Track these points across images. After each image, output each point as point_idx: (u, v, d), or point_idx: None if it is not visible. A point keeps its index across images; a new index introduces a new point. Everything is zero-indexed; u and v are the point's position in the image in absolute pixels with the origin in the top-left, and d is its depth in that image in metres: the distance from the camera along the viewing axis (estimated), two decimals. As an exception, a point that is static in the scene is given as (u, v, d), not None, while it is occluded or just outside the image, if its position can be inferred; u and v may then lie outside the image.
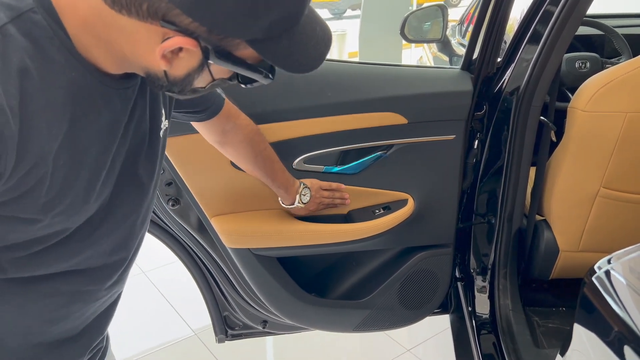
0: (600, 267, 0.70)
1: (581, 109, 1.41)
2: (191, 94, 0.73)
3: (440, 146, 1.48)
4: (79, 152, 0.69)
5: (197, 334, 2.42)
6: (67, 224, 0.75)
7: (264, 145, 1.32)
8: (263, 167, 1.32)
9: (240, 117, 1.23)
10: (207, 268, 1.63)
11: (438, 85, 1.45)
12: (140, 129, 0.81)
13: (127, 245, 0.88)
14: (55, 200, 0.69)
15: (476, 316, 1.65)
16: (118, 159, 0.78)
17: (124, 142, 0.78)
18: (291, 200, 1.41)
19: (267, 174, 1.34)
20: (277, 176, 1.36)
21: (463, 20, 3.42)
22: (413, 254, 1.63)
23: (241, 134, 1.24)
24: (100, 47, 0.66)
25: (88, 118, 0.69)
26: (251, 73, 0.69)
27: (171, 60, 0.65)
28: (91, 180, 0.73)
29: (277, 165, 1.35)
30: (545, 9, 1.39)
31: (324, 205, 1.48)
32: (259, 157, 1.30)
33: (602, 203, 1.48)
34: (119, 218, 0.83)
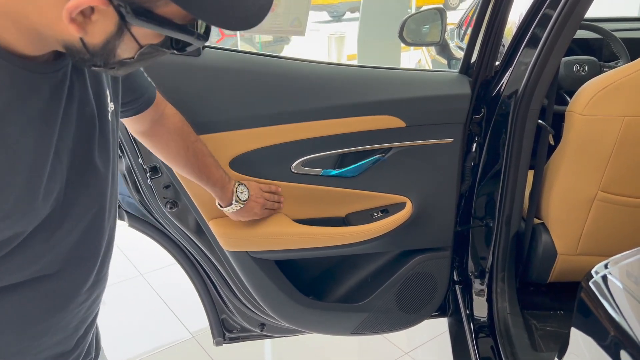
0: (598, 272, 0.70)
1: (579, 112, 1.41)
2: (120, 68, 0.66)
3: (438, 149, 1.48)
4: (11, 149, 0.63)
5: (194, 337, 2.42)
6: (17, 228, 0.69)
7: (194, 138, 1.20)
8: (195, 161, 1.21)
9: (167, 106, 1.13)
10: (205, 271, 1.63)
11: (436, 89, 1.46)
12: (85, 113, 0.74)
13: (96, 241, 0.82)
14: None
15: (474, 319, 1.65)
16: (63, 150, 0.71)
17: (67, 129, 0.71)
18: (228, 200, 1.31)
19: (199, 168, 1.22)
20: (211, 172, 1.24)
21: (462, 24, 3.43)
22: (411, 257, 1.63)
23: (170, 124, 1.13)
24: (9, 26, 0.60)
25: (13, 110, 0.62)
26: (180, 34, 0.61)
27: (83, 24, 0.58)
28: (32, 177, 0.67)
29: (210, 159, 1.24)
30: (543, 12, 1.39)
31: (268, 210, 1.40)
32: (189, 149, 1.19)
33: (600, 207, 1.48)
34: (80, 212, 0.77)
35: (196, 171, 1.23)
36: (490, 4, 1.39)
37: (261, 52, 1.46)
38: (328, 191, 1.47)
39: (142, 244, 3.03)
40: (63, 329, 0.83)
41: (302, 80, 1.38)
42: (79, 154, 0.75)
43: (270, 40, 8.02)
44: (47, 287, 0.77)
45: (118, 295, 2.76)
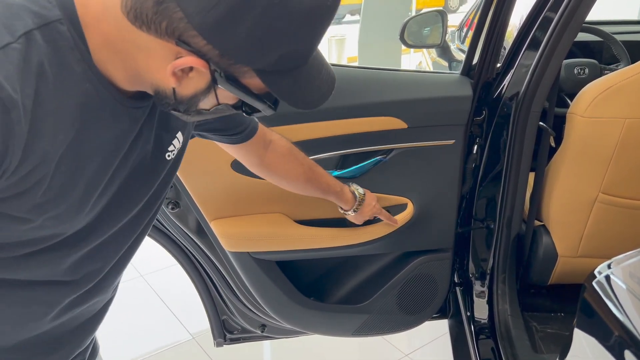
0: (601, 272, 0.70)
1: (580, 114, 1.42)
2: (195, 115, 0.75)
3: (439, 151, 1.48)
4: (81, 161, 0.71)
5: (195, 338, 2.42)
6: (58, 229, 0.75)
7: (303, 154, 1.27)
8: (313, 175, 1.28)
9: (274, 135, 1.21)
10: (206, 272, 1.63)
11: (438, 90, 1.46)
12: (144, 150, 0.82)
13: (105, 259, 0.89)
14: (50, 204, 0.70)
15: (475, 321, 1.65)
16: (118, 176, 0.79)
17: (126, 160, 0.79)
18: (352, 199, 1.36)
19: (320, 182, 1.29)
20: (329, 181, 1.32)
21: (462, 26, 3.43)
22: (412, 258, 1.63)
23: (280, 148, 1.21)
24: (116, 62, 0.69)
25: (95, 130, 0.71)
26: (255, 102, 0.71)
27: (181, 78, 0.68)
28: (87, 191, 0.74)
29: (321, 169, 1.31)
30: (544, 15, 1.40)
31: (376, 209, 1.43)
32: (305, 166, 1.26)
33: (601, 209, 1.48)
34: (103, 233, 0.83)
35: (317, 186, 1.29)
36: (492, 6, 1.40)
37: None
38: None
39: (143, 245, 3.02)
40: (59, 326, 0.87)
41: None
42: (125, 184, 0.82)
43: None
44: (56, 292, 0.83)
45: (118, 297, 2.76)
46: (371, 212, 1.41)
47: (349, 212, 1.38)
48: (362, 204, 1.38)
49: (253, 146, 1.13)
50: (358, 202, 1.37)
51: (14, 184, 0.65)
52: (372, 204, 1.41)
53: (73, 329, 0.91)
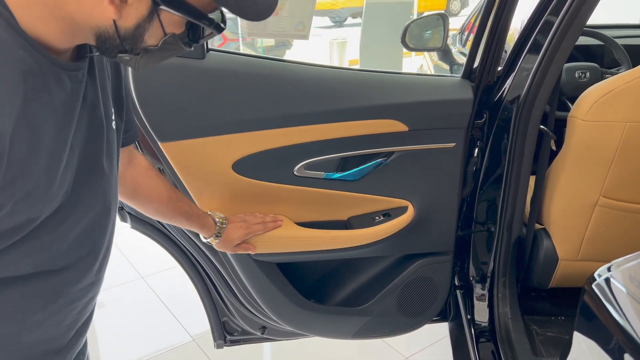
0: (600, 275, 0.70)
1: (581, 118, 1.42)
2: (145, 56, 0.72)
3: (440, 154, 1.49)
4: (35, 132, 0.69)
5: (195, 340, 2.42)
6: (31, 212, 0.73)
7: (163, 176, 1.23)
8: (175, 196, 1.22)
9: (135, 151, 1.16)
10: (207, 273, 1.63)
11: (439, 93, 1.46)
12: (95, 117, 0.80)
13: (97, 240, 0.86)
14: (16, 183, 0.68)
15: (475, 324, 1.65)
16: (76, 146, 0.77)
17: (80, 128, 0.77)
18: (213, 227, 1.32)
19: (183, 202, 1.25)
20: (191, 205, 1.28)
21: (464, 29, 3.44)
22: (412, 261, 1.63)
23: (143, 164, 1.15)
24: (46, 17, 0.66)
25: (40, 97, 0.69)
26: (202, 21, 0.70)
27: (120, 8, 0.65)
28: (51, 165, 0.72)
29: (182, 194, 1.28)
30: (545, 18, 1.40)
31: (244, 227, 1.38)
32: (167, 185, 1.20)
33: (602, 212, 1.48)
34: (84, 209, 0.81)
35: (181, 207, 1.24)
36: (493, 10, 1.40)
37: (265, 56, 1.47)
38: (330, 194, 1.48)
39: (143, 247, 3.03)
40: (56, 325, 0.85)
41: (306, 83, 1.39)
42: (88, 154, 0.80)
43: (272, 45, 8.05)
44: (46, 282, 0.80)
45: (119, 298, 2.76)
46: (240, 236, 1.37)
47: (210, 239, 1.33)
48: (223, 230, 1.33)
49: (125, 152, 1.05)
50: (218, 227, 1.32)
51: None
52: (238, 224, 1.36)
53: (74, 328, 0.89)
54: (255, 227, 1.40)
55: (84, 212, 0.81)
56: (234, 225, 1.36)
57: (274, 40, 7.82)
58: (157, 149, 1.35)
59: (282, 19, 1.36)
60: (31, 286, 0.79)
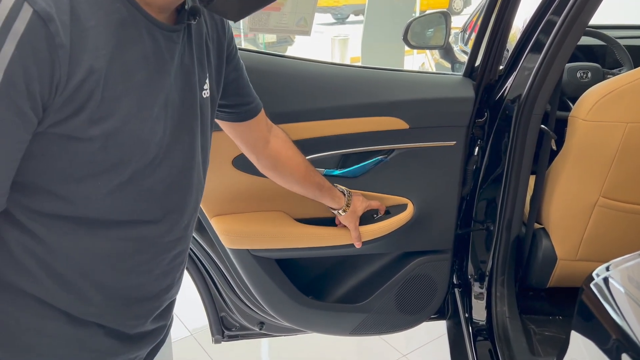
0: (599, 275, 0.70)
1: (582, 118, 1.42)
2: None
3: (440, 152, 1.49)
4: (127, 75, 0.73)
5: (193, 335, 2.42)
6: (123, 153, 0.77)
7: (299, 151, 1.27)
8: (310, 168, 1.28)
9: (272, 124, 1.21)
10: (206, 268, 1.64)
11: (440, 91, 1.46)
12: (190, 82, 0.85)
13: (183, 197, 0.90)
14: (108, 119, 0.72)
15: (473, 322, 1.65)
16: (169, 104, 0.81)
17: (174, 88, 0.82)
18: (342, 199, 1.37)
19: (315, 175, 1.30)
20: (322, 178, 1.32)
21: (466, 28, 3.43)
22: (411, 259, 1.63)
23: (281, 136, 1.21)
24: None
25: (133, 46, 0.74)
26: None
27: None
28: (141, 110, 0.76)
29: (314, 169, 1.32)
30: (547, 18, 1.40)
31: (366, 201, 1.44)
32: (303, 157, 1.26)
33: (601, 212, 1.48)
34: (172, 164, 0.85)
35: (314, 180, 1.29)
36: (496, 8, 1.40)
37: (266, 51, 1.46)
38: None
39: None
40: (147, 272, 0.90)
41: (307, 80, 1.39)
42: (182, 114, 0.85)
43: (274, 41, 8.03)
44: (140, 231, 0.85)
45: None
46: (362, 206, 1.42)
47: (339, 210, 1.39)
48: (351, 200, 1.39)
49: (259, 125, 1.13)
50: (347, 198, 1.37)
51: (69, 99, 0.67)
52: (360, 199, 1.41)
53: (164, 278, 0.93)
54: (373, 202, 1.46)
55: (172, 166, 0.85)
56: (357, 198, 1.41)
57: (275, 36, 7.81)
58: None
59: (285, 15, 1.35)
60: (127, 232, 0.84)
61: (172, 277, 0.96)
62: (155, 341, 0.99)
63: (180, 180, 0.88)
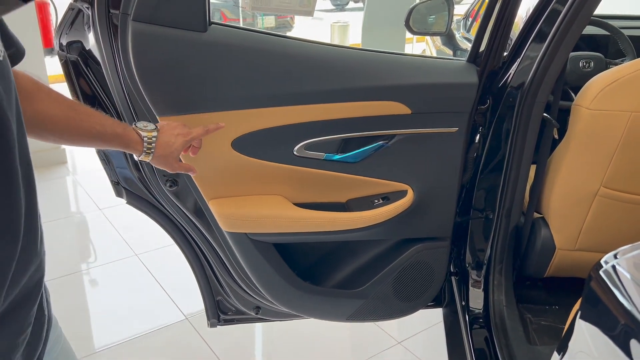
0: (607, 262, 0.69)
1: (586, 106, 1.40)
2: None
3: (442, 138, 1.47)
4: None
5: (188, 319, 2.41)
6: None
7: (59, 92, 0.97)
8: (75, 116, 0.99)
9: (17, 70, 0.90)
10: (202, 252, 1.62)
11: (443, 76, 1.44)
12: None
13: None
14: None
15: (469, 310, 1.65)
16: None
17: None
18: (140, 142, 1.10)
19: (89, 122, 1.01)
20: (103, 122, 1.04)
21: (468, 15, 3.41)
22: (410, 245, 1.62)
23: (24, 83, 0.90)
24: None
25: None
26: None
27: None
28: None
29: (90, 109, 1.04)
30: (552, 6, 1.38)
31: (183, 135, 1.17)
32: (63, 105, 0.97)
33: (602, 202, 1.47)
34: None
35: (86, 127, 1.01)
36: (502, -8, 1.38)
37: (268, 32, 1.43)
38: (330, 176, 1.46)
39: (138, 225, 3.02)
40: None
41: (309, 61, 1.36)
42: None
43: (273, 26, 7.98)
44: None
45: (112, 275, 2.75)
46: (180, 145, 1.16)
47: (140, 157, 1.13)
48: (155, 143, 1.12)
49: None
50: (147, 142, 1.10)
51: None
52: (175, 131, 1.16)
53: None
54: (196, 131, 1.21)
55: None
56: (168, 134, 1.15)
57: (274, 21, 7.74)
58: (156, 124, 1.33)
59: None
60: None
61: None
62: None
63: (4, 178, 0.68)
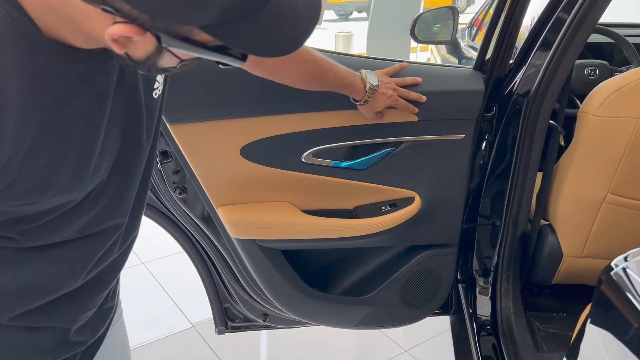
0: (617, 265, 0.69)
1: (592, 113, 1.41)
2: (163, 72, 0.68)
3: (449, 145, 1.48)
4: (61, 135, 0.67)
5: (195, 327, 2.42)
6: (68, 198, 0.74)
7: (307, 50, 1.21)
8: (317, 72, 1.24)
9: None
10: (210, 259, 1.63)
11: (450, 84, 1.45)
12: (134, 94, 0.78)
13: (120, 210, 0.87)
14: (45, 185, 0.68)
15: (477, 318, 1.64)
16: (113, 130, 0.75)
17: (116, 109, 0.75)
18: (362, 93, 1.31)
19: (326, 77, 1.25)
20: (336, 72, 1.26)
21: (473, 24, 3.42)
22: (417, 252, 1.62)
23: None
24: (66, 26, 0.63)
25: (65, 101, 0.67)
26: (218, 56, 0.62)
27: (124, 44, 0.61)
28: (82, 158, 0.72)
29: (329, 63, 1.25)
30: (558, 14, 1.39)
31: (392, 99, 1.35)
32: (309, 63, 1.22)
33: (609, 209, 1.48)
34: (115, 184, 0.82)
35: (324, 81, 1.25)
36: (507, 2, 1.39)
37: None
38: (337, 183, 1.47)
39: (145, 233, 3.01)
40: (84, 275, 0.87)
41: None
42: (127, 134, 0.79)
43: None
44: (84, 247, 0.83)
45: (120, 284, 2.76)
46: (384, 104, 1.35)
47: (359, 102, 1.34)
48: (374, 96, 1.32)
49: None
50: (368, 94, 1.31)
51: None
52: (388, 93, 1.34)
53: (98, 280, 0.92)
54: (400, 104, 1.38)
55: (116, 185, 0.82)
56: (384, 90, 1.34)
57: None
58: (165, 131, 1.34)
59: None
60: (72, 249, 0.81)
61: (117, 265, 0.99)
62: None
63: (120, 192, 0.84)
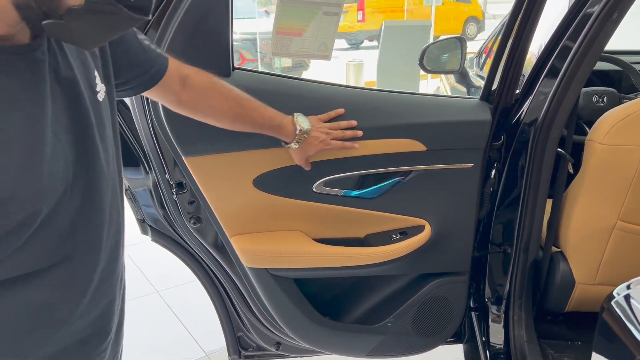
0: (619, 293, 0.70)
1: (599, 141, 1.43)
2: (75, 22, 0.64)
3: (458, 174, 1.50)
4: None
5: (209, 356, 2.42)
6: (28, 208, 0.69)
7: (228, 87, 1.17)
8: (242, 110, 1.19)
9: (189, 69, 1.10)
10: (224, 287, 1.65)
11: (457, 114, 1.48)
12: (75, 95, 0.75)
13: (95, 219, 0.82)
14: None
15: (490, 346, 1.63)
16: (61, 131, 0.72)
17: (59, 110, 0.72)
18: (292, 133, 1.28)
19: (250, 115, 1.20)
20: (262, 113, 1.22)
21: (481, 52, 3.47)
22: (428, 280, 1.63)
23: (198, 83, 1.10)
24: None
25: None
26: None
27: None
28: (30, 158, 0.68)
29: (254, 102, 1.21)
30: (564, 43, 1.42)
31: (324, 143, 1.32)
32: (230, 99, 1.17)
33: (619, 236, 1.48)
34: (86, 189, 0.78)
35: (249, 121, 1.22)
36: (513, 32, 1.42)
37: (289, 75, 1.50)
38: (348, 212, 1.49)
39: (159, 261, 3.05)
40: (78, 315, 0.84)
41: (327, 102, 1.42)
42: (79, 134, 0.76)
43: (289, 66, 8.14)
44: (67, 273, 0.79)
45: (133, 312, 2.76)
46: (317, 148, 1.33)
47: (288, 144, 1.31)
48: (305, 139, 1.30)
49: (166, 85, 1.04)
50: (298, 136, 1.28)
51: None
52: (320, 137, 1.32)
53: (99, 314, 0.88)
54: (334, 144, 1.36)
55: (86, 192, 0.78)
56: (316, 134, 1.31)
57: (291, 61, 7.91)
58: (181, 163, 1.38)
59: (306, 40, 1.39)
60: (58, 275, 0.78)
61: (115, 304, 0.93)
62: None
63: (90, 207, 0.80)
